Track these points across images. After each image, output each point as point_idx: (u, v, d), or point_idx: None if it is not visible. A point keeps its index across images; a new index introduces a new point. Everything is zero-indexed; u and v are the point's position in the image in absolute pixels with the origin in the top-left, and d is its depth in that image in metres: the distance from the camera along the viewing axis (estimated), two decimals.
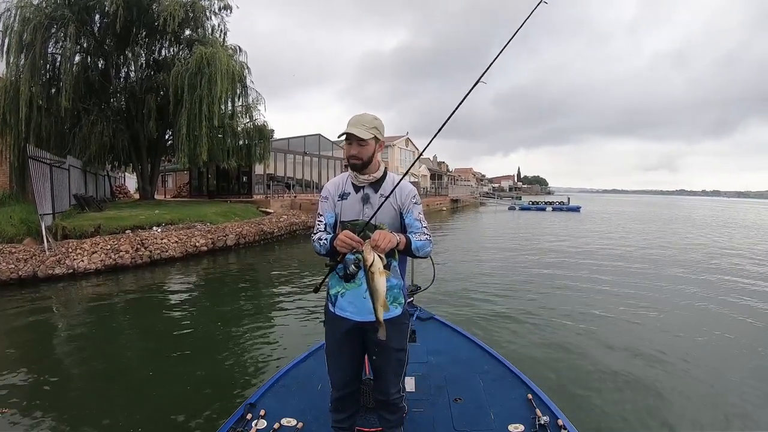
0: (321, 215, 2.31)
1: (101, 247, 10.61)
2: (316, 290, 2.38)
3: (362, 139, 2.18)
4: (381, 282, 2.02)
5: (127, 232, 12.41)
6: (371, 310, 2.10)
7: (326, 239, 2.20)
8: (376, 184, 2.29)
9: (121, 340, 6.25)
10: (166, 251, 11.67)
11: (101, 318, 7.22)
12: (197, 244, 12.74)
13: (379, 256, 2.02)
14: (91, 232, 11.95)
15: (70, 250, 10.20)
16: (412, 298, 4.67)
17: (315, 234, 2.29)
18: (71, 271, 9.65)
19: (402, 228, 2.28)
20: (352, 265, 2.16)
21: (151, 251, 11.31)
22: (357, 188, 2.29)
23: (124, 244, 10.99)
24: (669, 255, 14.43)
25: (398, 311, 2.30)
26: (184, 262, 11.85)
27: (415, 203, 2.30)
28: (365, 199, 2.27)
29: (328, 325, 2.38)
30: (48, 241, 10.31)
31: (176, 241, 12.26)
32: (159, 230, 12.99)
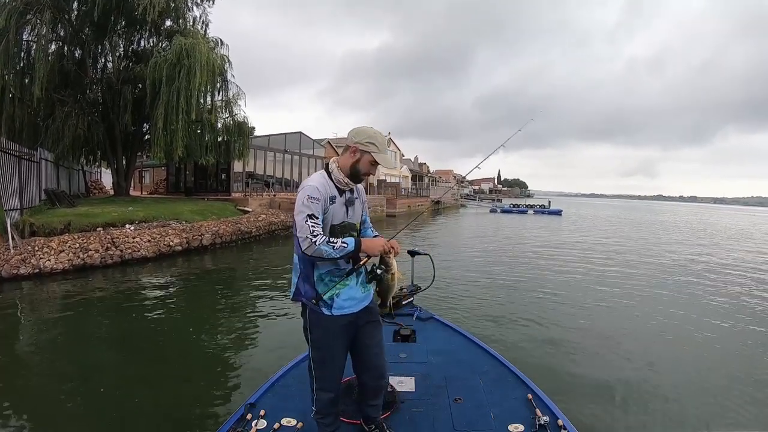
0: (316, 217, 2.22)
1: (69, 246, 10.26)
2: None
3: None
4: (397, 281, 2.49)
5: (98, 229, 12.03)
6: (362, 299, 2.45)
7: (345, 243, 2.22)
8: (353, 189, 2.45)
9: (98, 345, 6.03)
10: (138, 251, 11.35)
11: (70, 321, 6.96)
12: (171, 243, 12.43)
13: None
14: (61, 230, 11.57)
15: (36, 248, 9.84)
16: (412, 299, 4.85)
17: (316, 237, 2.17)
18: (37, 271, 9.32)
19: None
20: (378, 270, 2.40)
21: (122, 250, 10.99)
22: (341, 192, 2.37)
23: (93, 243, 10.65)
24: (665, 256, 14.77)
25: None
26: (157, 262, 11.57)
27: (366, 202, 2.61)
28: (350, 202, 2.40)
29: (322, 331, 2.40)
30: (13, 238, 9.93)
31: (149, 240, 11.94)
32: (131, 228, 12.63)
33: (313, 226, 2.18)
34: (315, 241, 2.16)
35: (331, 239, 2.20)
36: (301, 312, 2.48)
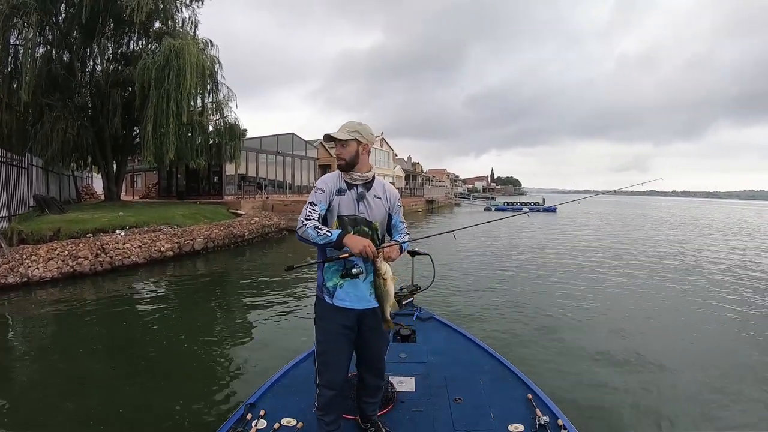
0: (315, 204, 2.40)
1: (58, 253, 10.11)
2: (289, 269, 2.54)
3: (343, 141, 2.44)
4: (392, 287, 2.35)
5: (88, 236, 11.87)
6: (368, 299, 2.44)
7: (330, 232, 2.32)
8: (368, 185, 2.52)
9: (91, 353, 5.88)
10: (129, 257, 11.21)
11: (60, 330, 6.88)
12: (162, 248, 12.28)
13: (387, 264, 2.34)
14: (50, 237, 11.41)
15: (24, 256, 9.68)
16: (412, 298, 4.86)
17: (308, 221, 2.36)
18: (25, 279, 9.16)
19: (388, 226, 2.62)
20: (354, 269, 2.37)
21: (112, 257, 10.84)
22: (351, 186, 2.49)
23: (82, 250, 10.49)
24: (664, 256, 14.66)
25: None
26: (148, 268, 11.43)
27: (400, 206, 2.66)
28: (361, 197, 2.49)
29: (323, 322, 2.49)
30: (1, 246, 9.76)
31: (139, 246, 11.79)
32: (122, 234, 12.47)
33: (309, 212, 2.38)
34: (305, 224, 2.34)
35: (319, 226, 2.34)
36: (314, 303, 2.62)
